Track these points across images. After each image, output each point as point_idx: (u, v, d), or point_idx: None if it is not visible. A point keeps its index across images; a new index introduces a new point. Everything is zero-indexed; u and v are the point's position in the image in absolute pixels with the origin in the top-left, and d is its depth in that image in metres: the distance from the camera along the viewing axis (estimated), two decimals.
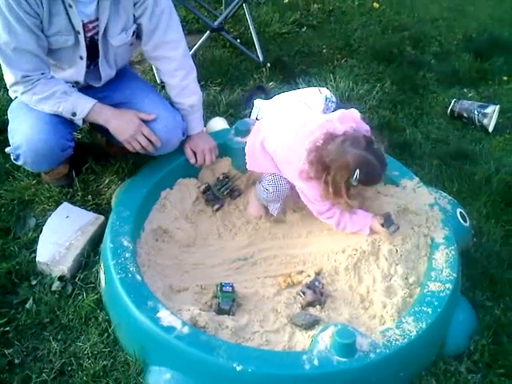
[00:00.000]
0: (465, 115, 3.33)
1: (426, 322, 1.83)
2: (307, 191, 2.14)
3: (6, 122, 2.24)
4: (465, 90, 3.67)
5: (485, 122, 3.26)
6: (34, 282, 2.10)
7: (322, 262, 2.18)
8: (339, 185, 2.00)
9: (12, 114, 2.22)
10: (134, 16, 2.17)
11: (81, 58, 2.17)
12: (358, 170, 1.94)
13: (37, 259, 2.14)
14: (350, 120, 2.11)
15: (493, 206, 2.63)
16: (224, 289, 1.99)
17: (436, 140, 3.16)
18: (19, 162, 2.21)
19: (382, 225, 2.08)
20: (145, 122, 2.23)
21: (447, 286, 1.95)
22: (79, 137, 2.76)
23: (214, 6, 4.16)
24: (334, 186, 2.01)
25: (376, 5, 4.70)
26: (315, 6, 4.54)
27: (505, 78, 3.82)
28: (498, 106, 3.30)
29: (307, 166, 2.04)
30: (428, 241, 2.14)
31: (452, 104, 3.38)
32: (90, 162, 2.59)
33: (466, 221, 2.33)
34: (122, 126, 2.19)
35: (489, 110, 3.28)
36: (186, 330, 1.73)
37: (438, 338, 1.94)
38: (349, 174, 1.96)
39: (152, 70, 3.31)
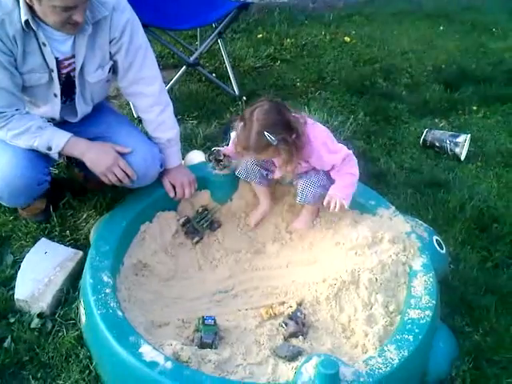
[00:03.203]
0: (437, 145, 3.40)
1: (407, 349, 1.83)
2: None
3: None
4: (436, 120, 3.77)
5: (457, 150, 3.34)
6: (12, 320, 2.06)
7: (303, 293, 2.18)
8: None
9: None
10: (110, 53, 2.19)
11: (55, 95, 2.18)
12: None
13: (15, 296, 2.10)
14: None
15: (468, 233, 2.67)
16: (206, 322, 1.97)
17: (410, 169, 3.21)
18: None
19: None
20: (122, 154, 2.23)
21: (427, 312, 1.97)
22: (56, 172, 2.75)
23: (190, 41, 4.23)
24: None
25: (347, 39, 4.84)
26: (288, 40, 4.66)
27: (474, 108, 3.93)
28: (468, 135, 3.38)
29: None
30: (406, 269, 2.15)
31: (424, 134, 3.45)
32: (68, 197, 2.57)
33: (442, 248, 2.36)
34: (98, 158, 2.18)
35: (460, 139, 3.36)
36: (168, 364, 1.71)
37: (420, 365, 1.95)
38: None
39: (129, 104, 3.34)
